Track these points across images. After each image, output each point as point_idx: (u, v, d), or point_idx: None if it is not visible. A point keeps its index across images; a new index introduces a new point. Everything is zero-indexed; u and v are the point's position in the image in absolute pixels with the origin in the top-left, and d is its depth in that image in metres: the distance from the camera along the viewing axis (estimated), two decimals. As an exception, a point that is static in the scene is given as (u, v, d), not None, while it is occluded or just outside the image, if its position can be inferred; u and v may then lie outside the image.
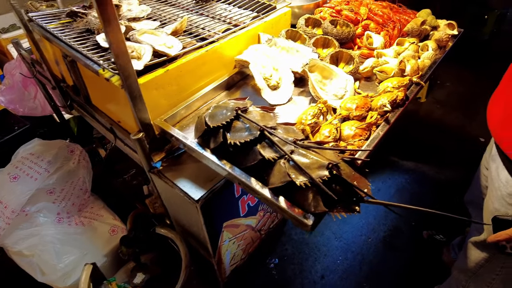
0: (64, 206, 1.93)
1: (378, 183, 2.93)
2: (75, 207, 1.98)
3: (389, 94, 1.25)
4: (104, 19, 0.93)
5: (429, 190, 2.83)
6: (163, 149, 1.37)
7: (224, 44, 1.45)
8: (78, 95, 1.57)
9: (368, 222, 2.64)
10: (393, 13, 1.74)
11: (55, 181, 1.89)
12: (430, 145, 3.25)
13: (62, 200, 1.93)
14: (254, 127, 1.06)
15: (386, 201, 0.97)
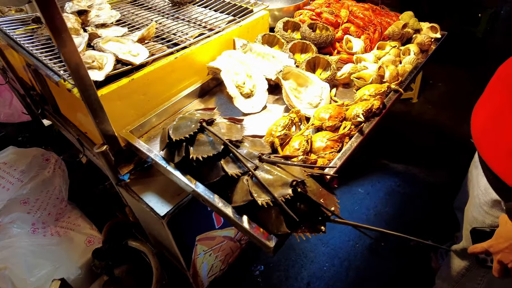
0: (39, 216, 1.87)
1: (367, 186, 2.88)
2: (52, 217, 1.92)
3: (364, 102, 1.20)
4: (53, 30, 0.87)
5: (420, 193, 2.78)
6: (132, 161, 1.32)
7: (196, 50, 1.40)
8: (46, 104, 1.52)
9: (356, 226, 2.59)
10: (375, 15, 1.68)
11: (29, 190, 1.84)
12: (421, 146, 3.20)
13: (37, 210, 1.88)
14: (218, 141, 1.01)
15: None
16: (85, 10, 1.47)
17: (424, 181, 2.86)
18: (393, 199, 2.75)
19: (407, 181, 2.88)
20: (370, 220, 2.61)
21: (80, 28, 1.42)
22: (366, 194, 2.83)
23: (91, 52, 1.18)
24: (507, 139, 1.10)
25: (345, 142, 1.13)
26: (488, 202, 1.24)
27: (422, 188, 2.81)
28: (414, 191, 2.79)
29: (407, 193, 2.78)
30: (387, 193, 2.80)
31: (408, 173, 2.95)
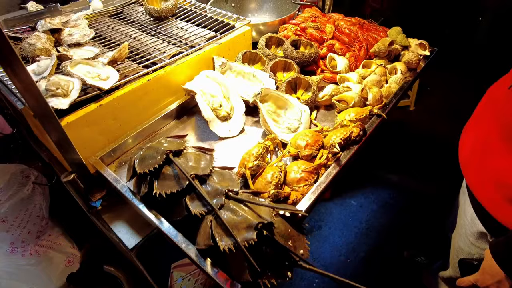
0: (18, 235, 1.83)
1: (360, 198, 2.82)
2: (32, 235, 1.88)
3: (343, 130, 1.14)
4: (2, 61, 0.82)
5: (414, 206, 2.72)
6: (104, 186, 1.27)
7: (171, 70, 1.34)
8: (18, 124, 1.47)
9: (348, 241, 2.53)
10: (362, 31, 1.62)
11: (7, 209, 1.79)
12: (417, 156, 3.13)
13: (16, 229, 1.83)
14: (183, 176, 0.96)
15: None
16: (58, 29, 1.42)
17: (419, 193, 2.80)
18: (386, 212, 2.69)
19: (401, 193, 2.81)
20: (363, 234, 2.56)
21: (53, 48, 1.37)
22: (359, 206, 2.77)
23: (56, 77, 1.13)
24: (493, 168, 1.04)
25: (321, 173, 1.08)
26: (474, 233, 1.19)
27: (416, 201, 2.74)
28: (408, 204, 2.72)
29: (400, 206, 2.72)
30: (381, 206, 2.74)
31: (402, 185, 2.88)
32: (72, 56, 1.29)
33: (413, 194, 2.81)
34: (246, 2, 2.06)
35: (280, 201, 1.01)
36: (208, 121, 1.27)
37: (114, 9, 1.88)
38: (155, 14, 1.62)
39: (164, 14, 1.63)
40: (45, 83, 1.09)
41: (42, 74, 1.17)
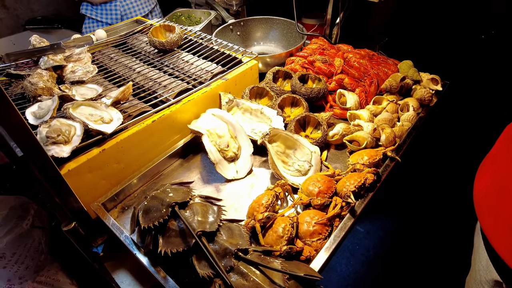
0: (16, 271, 1.76)
1: (367, 224, 2.74)
2: (30, 271, 1.81)
3: (357, 176, 1.09)
4: None
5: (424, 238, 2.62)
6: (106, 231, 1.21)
7: (177, 109, 1.30)
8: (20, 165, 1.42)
9: (355, 270, 2.45)
10: (372, 64, 1.58)
11: (5, 245, 1.73)
12: (432, 178, 3.00)
13: (14, 264, 1.77)
14: (189, 233, 0.90)
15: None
16: (62, 65, 1.39)
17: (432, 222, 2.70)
18: (393, 239, 2.61)
19: (411, 220, 2.72)
20: (370, 263, 2.47)
21: (55, 86, 1.33)
22: (365, 233, 2.69)
23: (58, 121, 1.08)
24: (510, 213, 0.98)
25: (335, 225, 1.02)
26: (489, 281, 1.12)
27: (425, 229, 2.66)
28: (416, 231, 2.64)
29: (408, 233, 2.63)
30: (388, 233, 2.66)
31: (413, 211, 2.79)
32: (74, 95, 1.25)
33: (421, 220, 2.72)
34: (251, 31, 2.04)
35: (292, 256, 0.96)
36: (214, 163, 1.22)
37: (118, 38, 1.86)
38: (159, 46, 1.59)
39: (169, 46, 1.60)
40: (46, 129, 1.05)
41: (43, 118, 1.13)
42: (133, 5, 2.60)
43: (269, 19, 2.01)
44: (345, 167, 1.26)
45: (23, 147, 0.87)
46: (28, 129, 0.85)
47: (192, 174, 1.30)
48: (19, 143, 0.86)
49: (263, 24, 2.03)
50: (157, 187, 1.09)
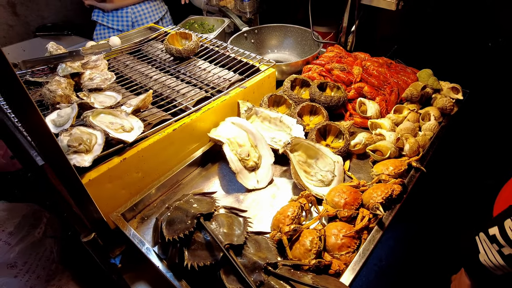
0: (27, 281, 1.73)
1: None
2: (41, 280, 1.78)
3: (383, 187, 1.06)
4: (16, 110, 0.74)
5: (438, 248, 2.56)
6: (124, 242, 1.19)
7: (197, 117, 1.28)
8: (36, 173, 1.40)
9: (368, 280, 2.40)
10: (391, 73, 1.56)
11: (17, 254, 1.70)
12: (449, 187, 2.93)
13: (25, 274, 1.74)
14: (216, 246, 0.88)
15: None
16: (78, 72, 1.37)
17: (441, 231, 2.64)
18: (406, 249, 2.55)
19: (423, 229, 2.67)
20: (383, 273, 2.42)
21: (72, 93, 1.31)
22: (377, 242, 2.64)
23: (78, 130, 1.07)
24: None
25: (363, 238, 0.99)
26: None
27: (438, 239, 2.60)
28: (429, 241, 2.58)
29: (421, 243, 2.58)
30: (399, 242, 2.60)
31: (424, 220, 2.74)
32: (93, 103, 1.23)
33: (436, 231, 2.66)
34: (265, 39, 2.03)
35: (321, 270, 0.93)
36: (236, 173, 1.19)
37: (133, 45, 1.85)
38: (176, 54, 1.58)
39: (186, 54, 1.59)
40: (67, 138, 1.03)
41: (63, 126, 1.11)
42: (144, 12, 2.60)
43: (283, 27, 2.00)
44: (368, 177, 1.24)
45: (46, 156, 0.85)
46: (53, 138, 0.83)
47: (211, 183, 1.28)
48: (43, 152, 0.84)
49: (277, 32, 2.02)
50: (179, 198, 1.06)
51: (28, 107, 0.75)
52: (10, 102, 0.72)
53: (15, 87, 0.70)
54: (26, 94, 0.73)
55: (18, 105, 0.73)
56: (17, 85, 0.70)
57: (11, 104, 0.73)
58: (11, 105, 0.73)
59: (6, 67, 0.67)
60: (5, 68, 0.67)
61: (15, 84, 0.70)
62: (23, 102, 0.73)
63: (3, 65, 0.67)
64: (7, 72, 0.68)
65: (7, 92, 0.71)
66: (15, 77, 0.69)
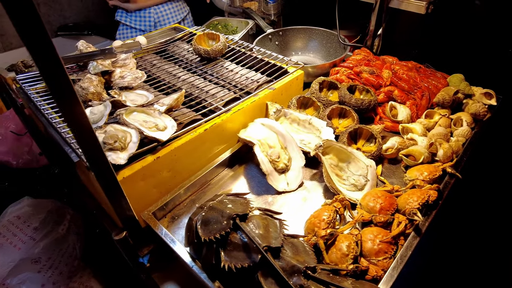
0: (50, 276, 1.74)
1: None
2: (63, 276, 1.80)
3: (419, 193, 1.04)
4: (61, 105, 0.73)
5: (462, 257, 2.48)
6: (152, 240, 1.19)
7: (227, 118, 1.28)
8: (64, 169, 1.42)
9: None
10: (420, 77, 1.54)
11: (41, 249, 1.72)
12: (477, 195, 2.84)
13: (48, 269, 1.75)
14: (254, 248, 0.87)
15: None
16: (109, 71, 1.38)
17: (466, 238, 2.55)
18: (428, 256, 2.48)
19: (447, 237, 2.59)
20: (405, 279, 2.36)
21: (103, 91, 1.32)
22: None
23: (112, 128, 1.07)
24: None
25: (399, 244, 0.97)
26: None
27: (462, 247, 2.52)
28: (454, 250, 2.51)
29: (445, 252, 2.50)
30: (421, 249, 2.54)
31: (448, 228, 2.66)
32: (125, 101, 1.23)
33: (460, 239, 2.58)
34: (290, 41, 2.02)
35: (358, 275, 0.91)
36: (266, 174, 1.18)
37: (159, 45, 1.86)
38: (204, 54, 1.58)
39: (214, 55, 1.59)
40: (102, 136, 1.03)
41: (97, 123, 1.12)
42: (166, 13, 2.62)
43: (308, 29, 1.99)
44: (400, 182, 1.22)
45: (86, 152, 0.85)
46: (94, 134, 0.82)
47: (239, 184, 1.27)
48: (83, 148, 0.83)
49: (302, 34, 2.01)
50: (211, 198, 1.06)
51: (73, 102, 0.74)
52: (57, 96, 0.72)
53: (63, 82, 0.70)
54: (72, 89, 0.73)
55: (64, 100, 0.72)
56: (65, 80, 0.70)
57: (57, 98, 0.72)
58: (58, 99, 0.72)
59: (56, 60, 0.67)
60: (55, 62, 0.67)
61: (63, 79, 0.70)
62: (69, 97, 0.73)
63: (53, 59, 0.66)
64: (57, 66, 0.67)
65: (55, 86, 0.70)
66: (63, 72, 0.69)
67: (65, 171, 1.49)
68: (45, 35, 0.63)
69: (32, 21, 0.61)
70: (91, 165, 0.87)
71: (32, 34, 0.62)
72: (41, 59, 0.65)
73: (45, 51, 0.65)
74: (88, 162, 0.87)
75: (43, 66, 0.66)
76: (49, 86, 0.70)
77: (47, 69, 0.67)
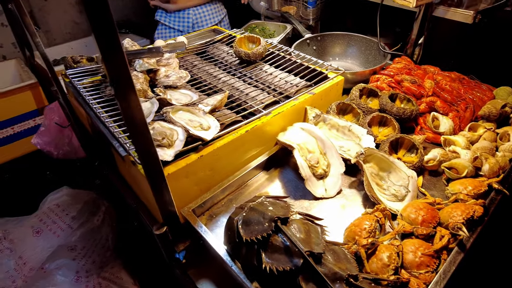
0: (83, 264, 1.81)
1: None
2: (96, 265, 1.86)
3: (464, 207, 1.02)
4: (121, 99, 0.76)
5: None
6: (188, 236, 1.21)
7: (267, 121, 1.29)
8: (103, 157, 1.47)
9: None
10: (464, 88, 1.50)
11: (78, 238, 1.79)
12: None
13: (82, 257, 1.82)
14: (295, 251, 0.87)
15: None
16: (154, 69, 1.43)
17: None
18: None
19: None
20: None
21: (148, 88, 1.37)
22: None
23: (160, 125, 1.10)
24: None
25: (442, 258, 0.95)
26: None
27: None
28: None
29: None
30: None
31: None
32: (171, 100, 1.27)
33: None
34: (328, 46, 2.02)
35: (399, 287, 0.90)
36: (304, 179, 1.19)
37: (199, 46, 1.90)
38: (245, 57, 1.61)
39: (254, 58, 1.61)
40: (151, 132, 1.06)
41: (145, 119, 1.15)
42: (204, 14, 2.67)
43: (347, 35, 1.98)
44: (441, 195, 1.19)
45: (138, 147, 0.87)
46: (147, 129, 0.85)
47: (275, 186, 1.28)
48: (136, 143, 0.86)
49: (340, 40, 2.00)
50: (251, 199, 1.07)
51: (133, 98, 0.77)
52: (118, 91, 0.74)
53: (125, 77, 0.72)
54: (132, 84, 0.75)
55: (124, 94, 0.75)
56: (126, 75, 0.73)
57: (119, 93, 0.74)
58: (119, 93, 0.75)
59: (120, 55, 0.69)
60: (120, 56, 0.69)
61: (125, 74, 0.72)
62: (129, 92, 0.75)
63: (118, 54, 0.69)
64: (121, 60, 0.70)
65: (117, 80, 0.72)
66: (126, 67, 0.71)
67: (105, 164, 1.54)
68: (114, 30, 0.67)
69: (104, 17, 0.64)
70: (141, 160, 0.90)
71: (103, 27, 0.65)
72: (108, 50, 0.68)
73: (112, 43, 0.68)
74: (138, 157, 0.90)
75: (109, 58, 0.68)
76: (111, 76, 0.71)
77: (112, 61, 0.69)
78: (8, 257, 1.78)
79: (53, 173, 2.14)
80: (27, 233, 1.76)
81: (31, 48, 1.67)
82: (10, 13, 1.37)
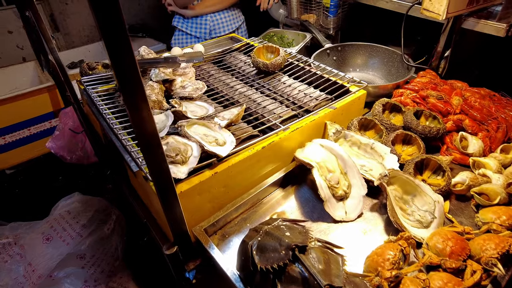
0: (92, 273, 1.78)
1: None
2: (104, 274, 1.83)
3: (497, 239, 0.94)
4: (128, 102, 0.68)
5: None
6: (199, 255, 1.16)
7: (285, 136, 1.23)
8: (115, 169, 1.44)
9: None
10: (496, 106, 1.41)
11: (87, 246, 1.77)
12: None
13: (91, 266, 1.80)
14: (314, 284, 0.81)
15: None
16: (170, 79, 1.39)
17: None
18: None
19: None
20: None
21: (163, 99, 1.33)
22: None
23: (174, 140, 1.06)
24: None
25: (474, 296, 0.87)
26: None
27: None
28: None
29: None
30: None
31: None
32: (186, 112, 1.23)
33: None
34: (348, 57, 1.95)
35: (425, 327, 0.83)
36: (324, 200, 1.12)
37: (216, 55, 1.86)
38: (263, 68, 1.55)
39: (273, 68, 1.56)
40: (165, 147, 1.02)
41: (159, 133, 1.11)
42: (222, 21, 2.63)
43: (369, 46, 1.91)
44: (470, 222, 1.11)
45: (150, 164, 0.82)
46: (159, 143, 0.80)
47: (290, 205, 1.22)
48: (149, 160, 0.81)
49: (362, 51, 1.93)
50: (267, 221, 1.01)
51: (144, 107, 0.71)
52: (127, 98, 0.68)
53: (135, 82, 0.67)
54: (143, 90, 0.69)
55: (135, 103, 0.69)
56: (137, 80, 0.67)
57: (128, 101, 0.69)
58: (128, 101, 0.69)
59: (130, 56, 0.64)
60: (129, 58, 0.64)
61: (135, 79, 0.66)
62: (141, 105, 0.70)
63: (127, 55, 0.63)
64: (131, 63, 0.64)
65: (129, 91, 0.67)
66: (136, 71, 0.66)
67: (116, 174, 1.51)
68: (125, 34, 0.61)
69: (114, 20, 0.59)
70: (152, 176, 0.86)
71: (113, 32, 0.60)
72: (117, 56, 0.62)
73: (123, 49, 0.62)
74: (150, 174, 0.85)
75: (118, 65, 0.62)
76: (121, 85, 0.66)
77: (122, 69, 0.63)
78: (18, 263, 1.77)
79: (65, 177, 2.13)
80: (38, 239, 1.75)
81: (46, 54, 1.65)
82: (27, 19, 1.35)
